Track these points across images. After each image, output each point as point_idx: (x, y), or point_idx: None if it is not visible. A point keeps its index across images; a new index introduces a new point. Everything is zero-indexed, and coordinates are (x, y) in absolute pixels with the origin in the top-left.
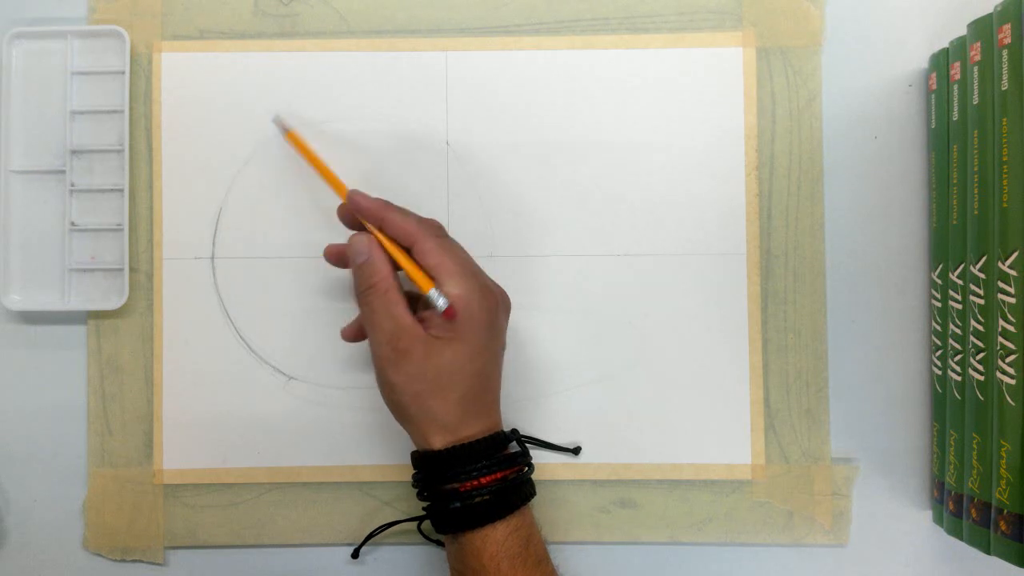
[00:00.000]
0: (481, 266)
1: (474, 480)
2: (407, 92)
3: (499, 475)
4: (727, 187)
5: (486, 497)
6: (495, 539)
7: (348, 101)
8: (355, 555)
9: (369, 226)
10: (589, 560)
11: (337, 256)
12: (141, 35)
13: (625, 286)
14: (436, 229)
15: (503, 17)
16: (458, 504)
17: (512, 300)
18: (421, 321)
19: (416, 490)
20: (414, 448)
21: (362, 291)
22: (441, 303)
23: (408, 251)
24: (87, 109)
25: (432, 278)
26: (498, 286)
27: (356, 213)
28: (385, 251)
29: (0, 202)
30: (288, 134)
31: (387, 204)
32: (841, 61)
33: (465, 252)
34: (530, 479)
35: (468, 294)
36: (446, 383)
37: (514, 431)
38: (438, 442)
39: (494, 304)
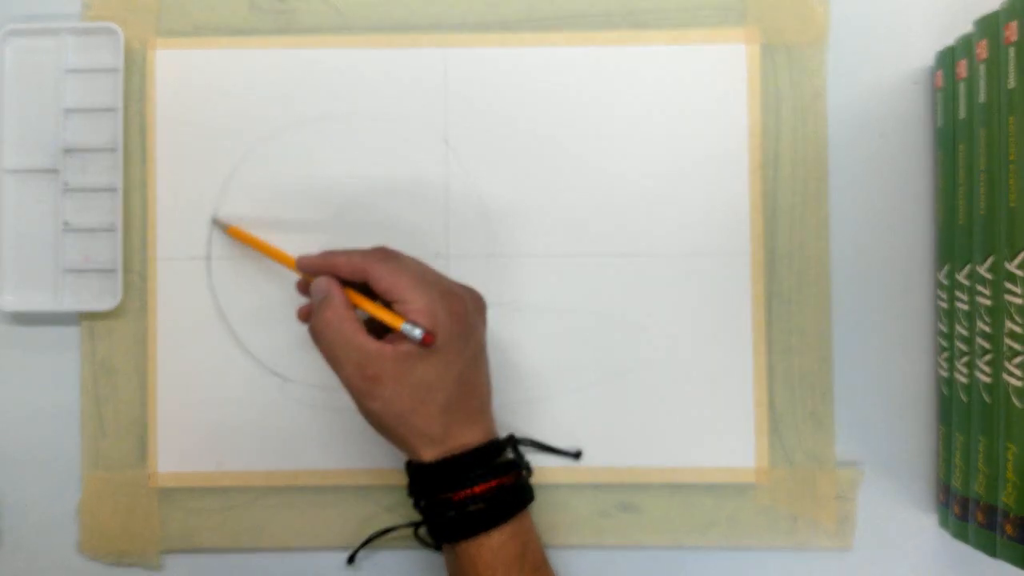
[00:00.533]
0: (481, 266)
1: (467, 489)
2: (405, 89)
3: (494, 483)
4: (731, 186)
5: (480, 506)
6: (490, 547)
7: (345, 98)
8: (351, 560)
9: (326, 279)
10: (591, 565)
11: (309, 313)
12: (135, 32)
13: (628, 286)
14: (382, 254)
15: (503, 13)
16: (452, 513)
17: (512, 300)
18: (390, 342)
19: (412, 500)
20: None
21: (318, 330)
22: (417, 334)
23: (366, 286)
24: (81, 107)
25: (391, 300)
26: (467, 288)
27: (308, 273)
28: (341, 288)
29: None
30: (229, 229)
31: (331, 252)
32: (846, 58)
33: (420, 264)
34: (527, 484)
35: (429, 305)
36: (425, 396)
37: (511, 437)
38: (428, 455)
39: (461, 309)
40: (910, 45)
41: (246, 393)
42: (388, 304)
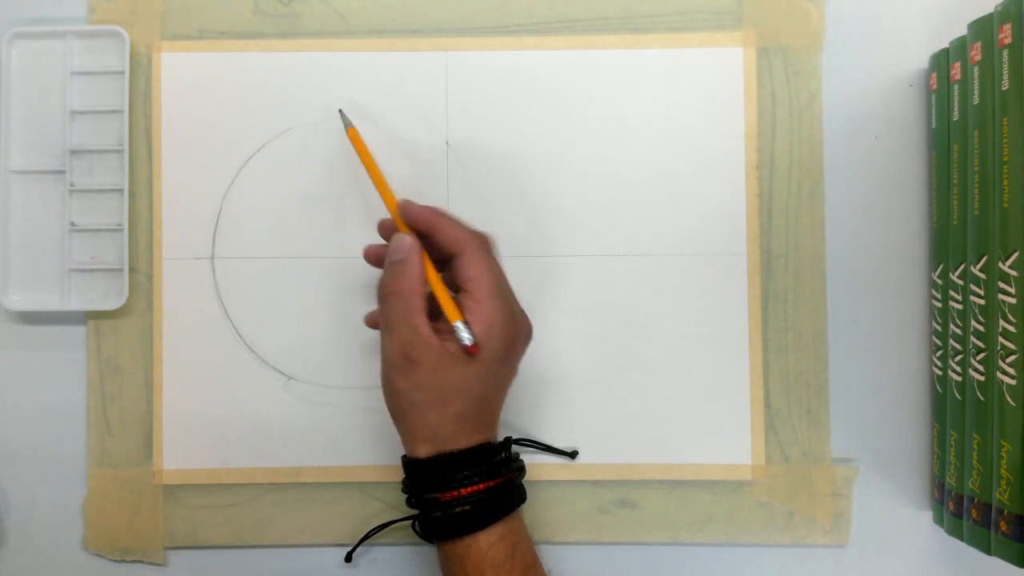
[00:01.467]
0: None
1: (454, 491)
2: (407, 92)
3: (481, 486)
4: (727, 187)
5: (467, 508)
6: (477, 549)
7: (348, 101)
8: (348, 559)
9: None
10: (589, 561)
11: (377, 258)
12: (141, 35)
13: (625, 286)
14: (484, 242)
15: (503, 17)
16: (439, 514)
17: None
18: (438, 331)
19: (405, 496)
20: (403, 452)
21: (387, 292)
22: (465, 337)
23: (451, 260)
24: (87, 109)
25: (464, 291)
26: (524, 315)
27: (408, 221)
28: (422, 259)
29: (0, 202)
30: (349, 131)
31: (437, 212)
32: (841, 61)
33: (503, 274)
34: (519, 485)
35: (492, 317)
36: (448, 398)
37: (508, 439)
38: (423, 451)
39: (515, 333)
40: (904, 48)
41: (250, 391)
42: (457, 290)
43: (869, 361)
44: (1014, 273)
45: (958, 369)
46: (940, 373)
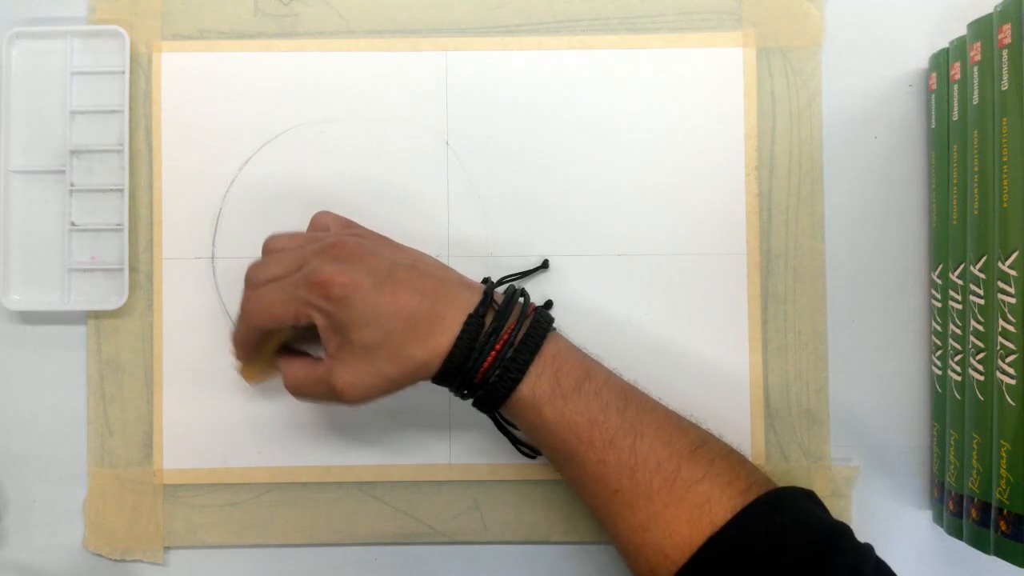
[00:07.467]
0: (481, 266)
1: (479, 371)
2: (407, 92)
3: (497, 348)
4: (727, 187)
5: (497, 373)
6: (523, 397)
7: (348, 101)
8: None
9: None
10: (592, 559)
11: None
12: (141, 35)
13: (625, 286)
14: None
15: (503, 17)
16: (481, 392)
17: None
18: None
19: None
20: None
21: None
22: None
23: None
24: (87, 109)
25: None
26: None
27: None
28: None
29: (0, 202)
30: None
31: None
32: (841, 61)
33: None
34: (533, 315)
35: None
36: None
37: (486, 280)
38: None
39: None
40: (904, 48)
41: (250, 391)
42: None
43: (869, 361)
44: (1013, 273)
45: (958, 369)
46: (940, 373)
